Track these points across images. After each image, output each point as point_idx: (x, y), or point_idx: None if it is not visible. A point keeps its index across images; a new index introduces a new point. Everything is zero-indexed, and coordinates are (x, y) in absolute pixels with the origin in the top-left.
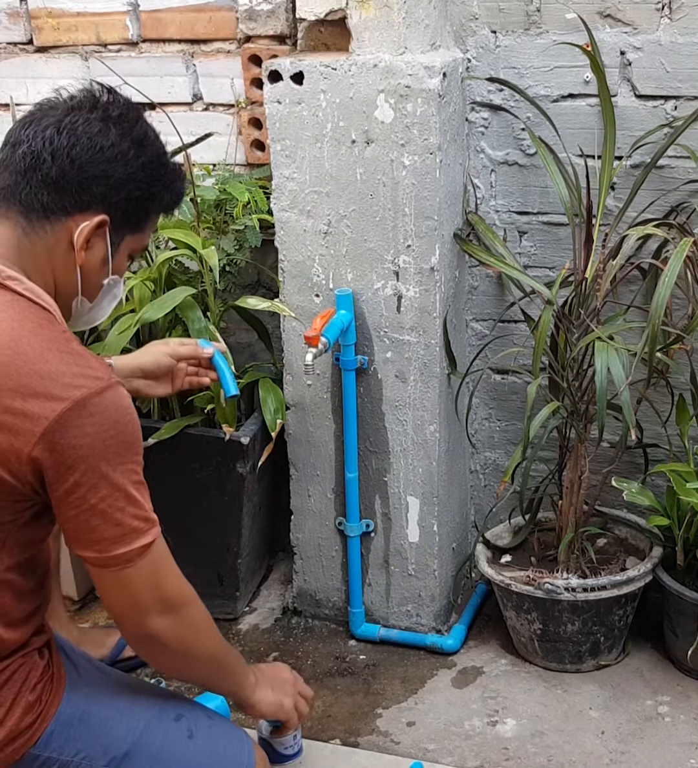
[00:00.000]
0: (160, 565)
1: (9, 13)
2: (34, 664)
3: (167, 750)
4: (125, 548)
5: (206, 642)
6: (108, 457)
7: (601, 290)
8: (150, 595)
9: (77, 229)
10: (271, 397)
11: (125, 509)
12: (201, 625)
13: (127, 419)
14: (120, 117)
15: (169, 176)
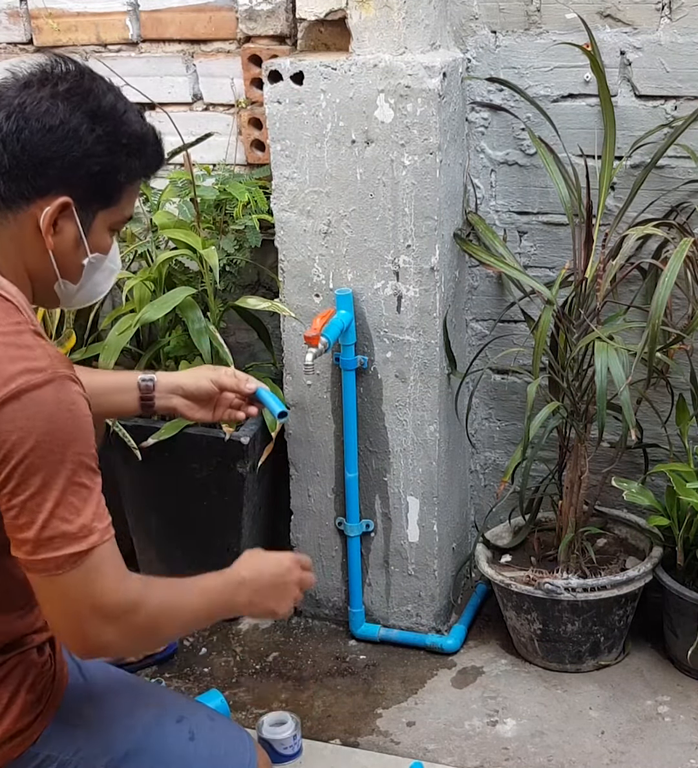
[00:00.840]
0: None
1: (9, 13)
2: (32, 663)
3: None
4: (52, 554)
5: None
6: (41, 453)
7: (601, 290)
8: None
9: (42, 214)
10: None
11: (55, 512)
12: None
13: (67, 415)
14: (69, 91)
15: (133, 143)
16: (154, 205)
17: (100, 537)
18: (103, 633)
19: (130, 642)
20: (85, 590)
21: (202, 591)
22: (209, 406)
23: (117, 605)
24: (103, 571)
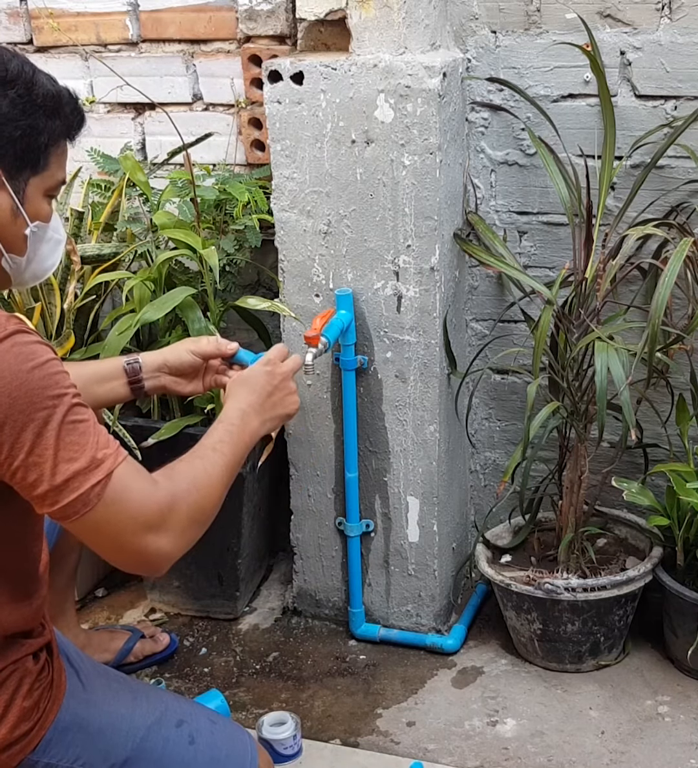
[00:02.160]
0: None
1: (9, 13)
2: (27, 671)
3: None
4: (74, 494)
5: (208, 498)
6: (21, 408)
7: (601, 290)
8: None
9: None
10: None
11: (58, 456)
12: (195, 503)
13: (31, 365)
14: None
15: (49, 103)
16: (154, 205)
17: (113, 461)
18: (158, 544)
19: (185, 536)
20: (121, 514)
21: (214, 448)
22: (197, 378)
23: (156, 512)
24: (130, 488)
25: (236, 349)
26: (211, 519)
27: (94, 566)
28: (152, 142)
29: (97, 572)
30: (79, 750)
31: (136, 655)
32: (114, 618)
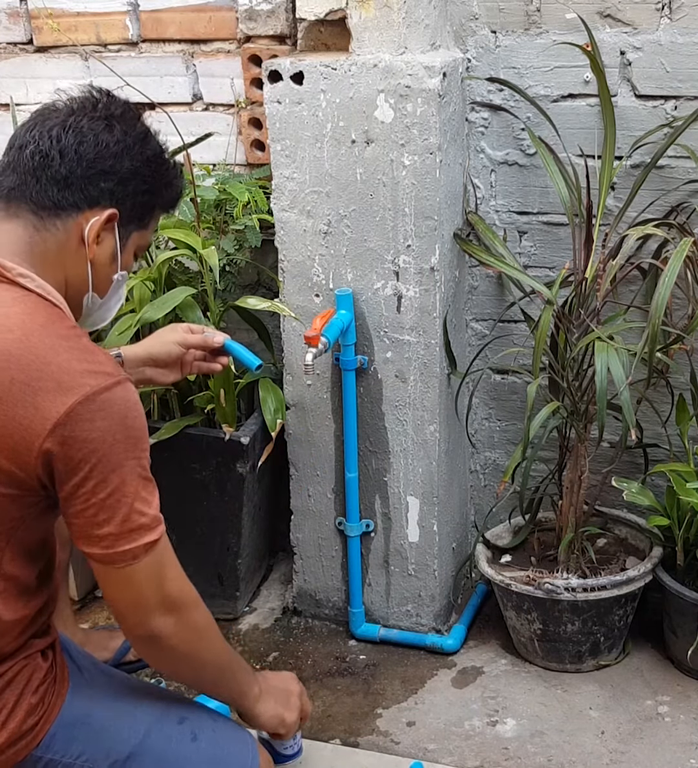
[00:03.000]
0: (164, 563)
1: (9, 13)
2: (37, 667)
3: (170, 753)
4: (131, 545)
5: (209, 646)
6: (117, 451)
7: (601, 290)
8: (154, 593)
9: (87, 224)
10: (271, 397)
11: (133, 505)
12: (204, 628)
13: (135, 414)
14: (122, 115)
15: (171, 173)
16: None
17: (163, 528)
18: (163, 622)
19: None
20: (155, 578)
21: (232, 649)
22: (177, 367)
23: (182, 594)
24: (169, 558)
25: (222, 342)
26: (194, 668)
27: None
28: None
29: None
30: (82, 746)
31: (134, 653)
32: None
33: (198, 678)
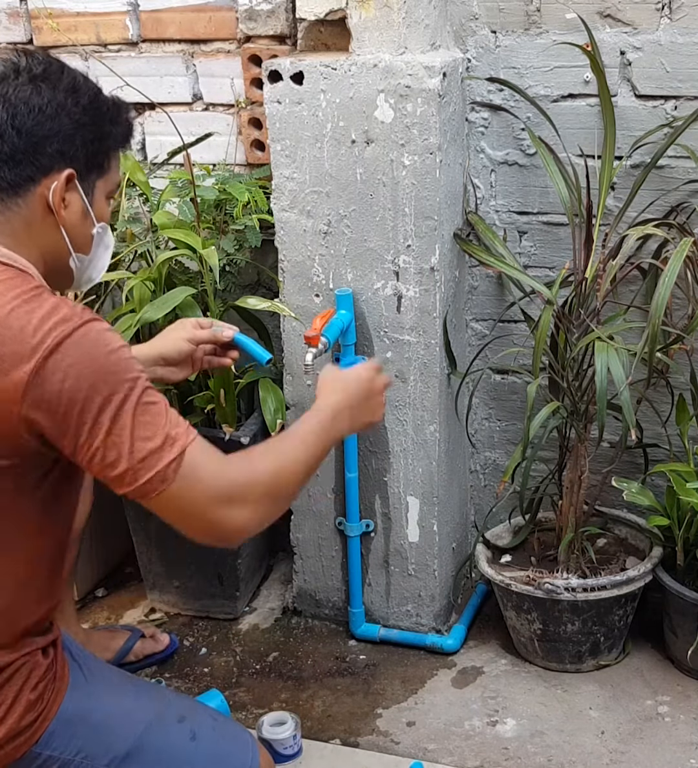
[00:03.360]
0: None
1: (9, 13)
2: (37, 663)
3: (169, 751)
4: (152, 471)
5: (286, 483)
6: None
7: (601, 290)
8: (206, 500)
9: (49, 192)
10: (271, 397)
11: (135, 435)
12: (272, 480)
13: (107, 349)
14: (45, 72)
15: (113, 110)
16: (154, 205)
17: (185, 439)
18: (231, 516)
19: (258, 512)
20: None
21: (303, 441)
22: (187, 364)
23: (227, 487)
24: (202, 465)
25: (232, 336)
26: (287, 503)
27: (94, 566)
28: (152, 142)
29: (97, 572)
30: (81, 742)
31: (136, 654)
32: (114, 618)
33: (298, 490)
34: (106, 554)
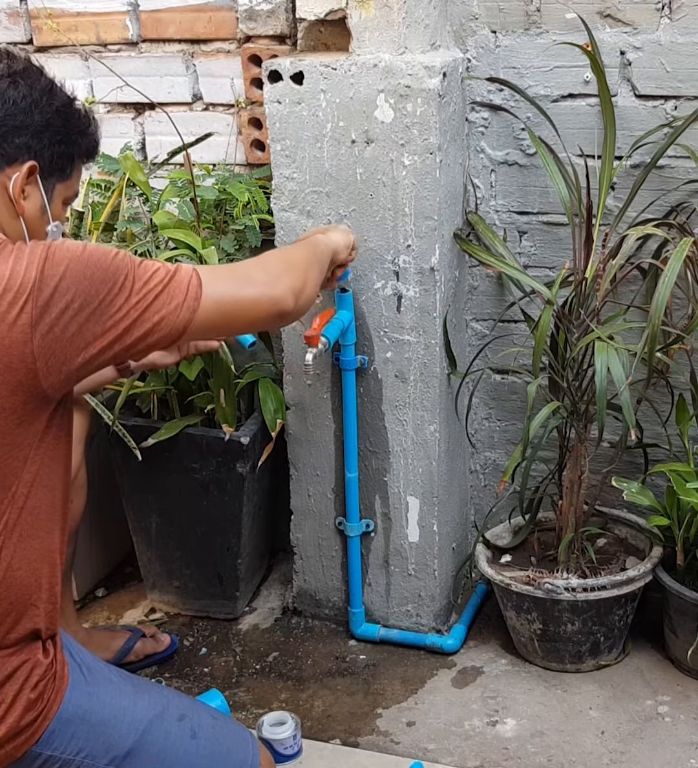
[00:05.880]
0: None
1: (9, 13)
2: (37, 663)
3: (169, 750)
4: (175, 301)
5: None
6: (97, 281)
7: (601, 290)
8: (252, 292)
9: (10, 181)
10: (271, 397)
11: (146, 296)
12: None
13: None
14: (25, 70)
15: (83, 122)
16: (154, 205)
17: (177, 266)
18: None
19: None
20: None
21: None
22: (175, 348)
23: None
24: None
25: None
26: (305, 276)
27: (94, 566)
28: (152, 142)
29: (97, 572)
30: (82, 742)
31: (136, 654)
32: (114, 618)
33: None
34: (106, 554)
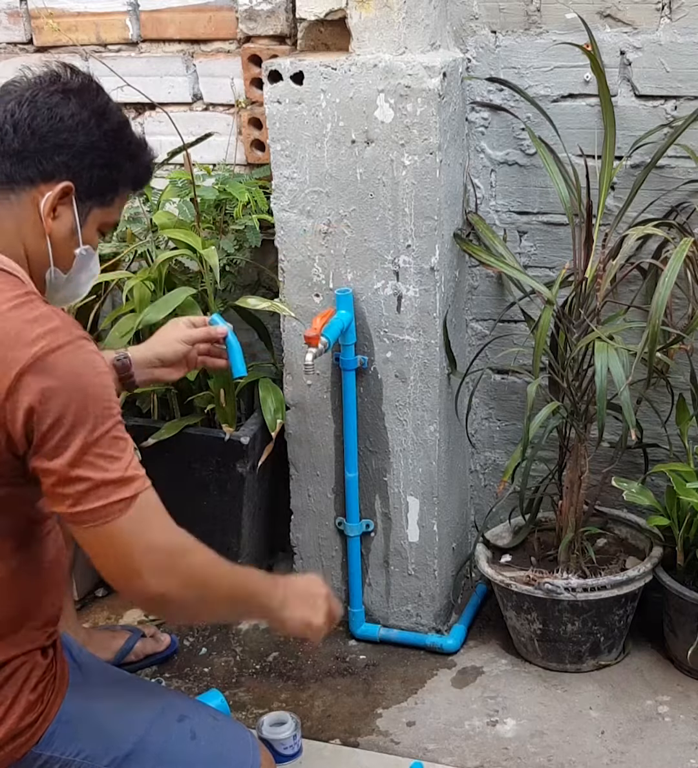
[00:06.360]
0: (146, 521)
1: (9, 13)
2: (37, 663)
3: (170, 751)
4: (99, 503)
5: (216, 584)
6: (74, 411)
7: (601, 290)
8: (140, 554)
9: (43, 198)
10: (271, 397)
11: (96, 463)
12: (205, 570)
13: (92, 372)
14: (80, 88)
15: (133, 148)
16: (154, 205)
17: (142, 483)
18: (158, 581)
19: (184, 590)
20: (135, 535)
21: (243, 572)
22: (183, 363)
23: (168, 546)
24: (150, 515)
25: (226, 332)
26: (207, 609)
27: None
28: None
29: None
30: (82, 743)
31: (136, 654)
32: (114, 618)
33: (215, 615)
34: None
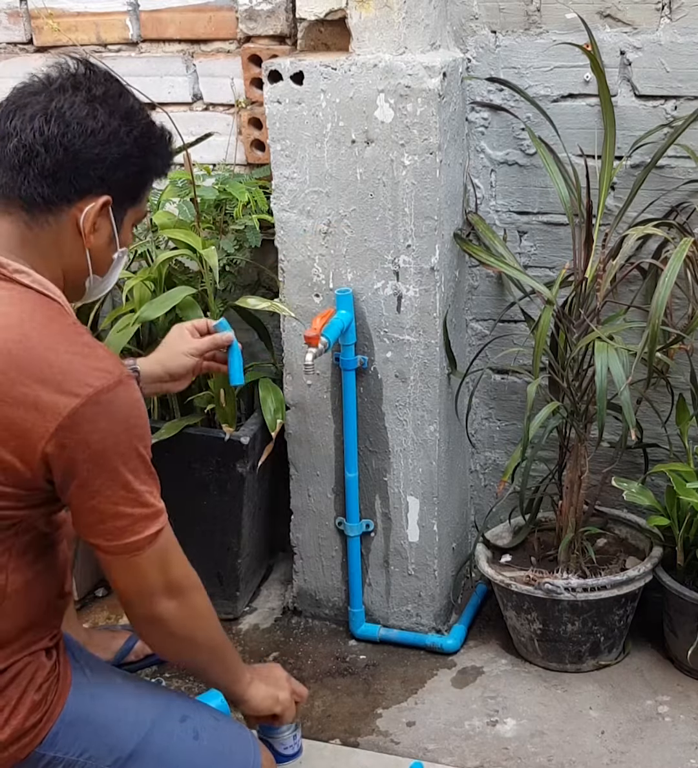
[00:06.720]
0: (167, 551)
1: (9, 13)
2: (41, 664)
3: (172, 751)
4: (134, 537)
5: (208, 629)
6: (121, 451)
7: (601, 290)
8: (157, 579)
9: (81, 215)
10: (271, 397)
11: (136, 500)
12: (204, 611)
13: (138, 413)
14: (105, 95)
15: (159, 143)
16: (154, 205)
17: (165, 516)
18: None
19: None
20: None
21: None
22: (190, 373)
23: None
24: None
25: (231, 339)
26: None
27: (94, 566)
28: None
29: (97, 572)
30: (85, 743)
31: (136, 653)
32: (114, 618)
33: (195, 659)
34: None
